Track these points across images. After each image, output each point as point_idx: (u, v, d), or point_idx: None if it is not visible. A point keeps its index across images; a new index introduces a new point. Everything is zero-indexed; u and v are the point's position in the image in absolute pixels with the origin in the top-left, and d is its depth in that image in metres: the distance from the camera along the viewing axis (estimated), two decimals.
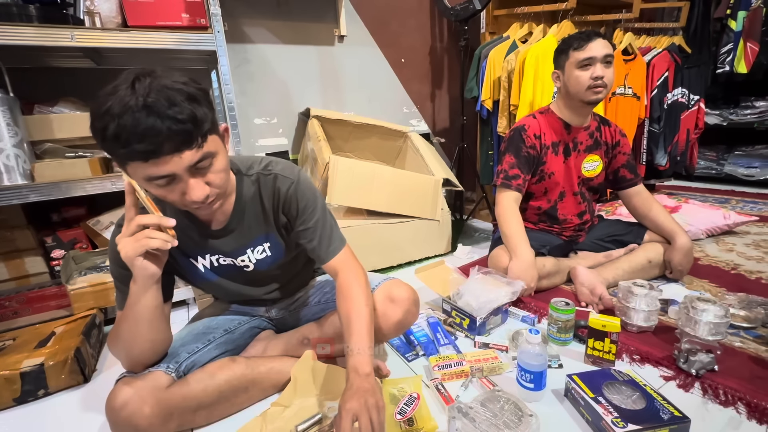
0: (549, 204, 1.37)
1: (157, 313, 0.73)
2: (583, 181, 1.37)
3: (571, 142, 1.32)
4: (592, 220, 1.45)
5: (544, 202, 1.37)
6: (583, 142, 1.33)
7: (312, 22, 1.90)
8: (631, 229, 1.42)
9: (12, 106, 1.10)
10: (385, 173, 1.63)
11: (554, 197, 1.36)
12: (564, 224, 1.39)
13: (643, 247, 1.33)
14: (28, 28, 1.03)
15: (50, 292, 1.26)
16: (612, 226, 1.46)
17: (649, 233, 1.37)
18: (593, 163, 1.36)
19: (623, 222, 1.48)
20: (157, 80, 0.58)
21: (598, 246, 1.43)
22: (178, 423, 0.78)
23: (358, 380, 0.68)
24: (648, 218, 1.36)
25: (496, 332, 1.13)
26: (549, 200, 1.37)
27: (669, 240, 1.31)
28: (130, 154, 0.58)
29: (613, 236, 1.42)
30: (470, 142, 2.12)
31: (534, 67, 1.73)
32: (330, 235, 0.82)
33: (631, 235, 1.39)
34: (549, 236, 1.38)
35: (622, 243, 1.40)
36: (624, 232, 1.42)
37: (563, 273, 1.34)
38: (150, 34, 1.17)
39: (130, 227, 0.65)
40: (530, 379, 0.82)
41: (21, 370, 0.93)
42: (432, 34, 2.28)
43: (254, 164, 0.81)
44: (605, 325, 0.91)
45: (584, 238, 1.45)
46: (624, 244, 1.39)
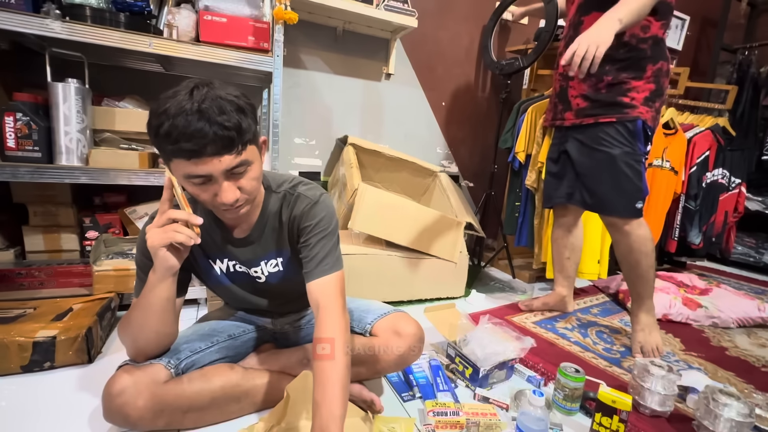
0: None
1: (168, 306, 0.76)
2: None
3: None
4: None
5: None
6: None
7: (363, 58, 2.03)
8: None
9: (85, 96, 1.22)
10: (409, 208, 1.66)
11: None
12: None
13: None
14: (116, 32, 1.16)
15: (77, 269, 1.32)
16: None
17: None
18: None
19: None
20: (213, 90, 0.64)
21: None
22: (167, 421, 0.78)
23: None
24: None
25: (498, 387, 1.08)
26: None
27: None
28: (176, 151, 0.63)
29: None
30: (498, 191, 2.14)
31: None
32: (325, 256, 0.79)
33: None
34: None
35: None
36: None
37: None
38: (218, 50, 1.29)
39: (161, 219, 0.70)
40: None
41: (35, 339, 0.97)
42: (475, 83, 2.37)
43: (284, 182, 0.84)
44: (615, 401, 0.86)
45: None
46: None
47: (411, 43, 2.12)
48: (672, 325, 1.62)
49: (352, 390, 0.90)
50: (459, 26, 2.23)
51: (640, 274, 1.29)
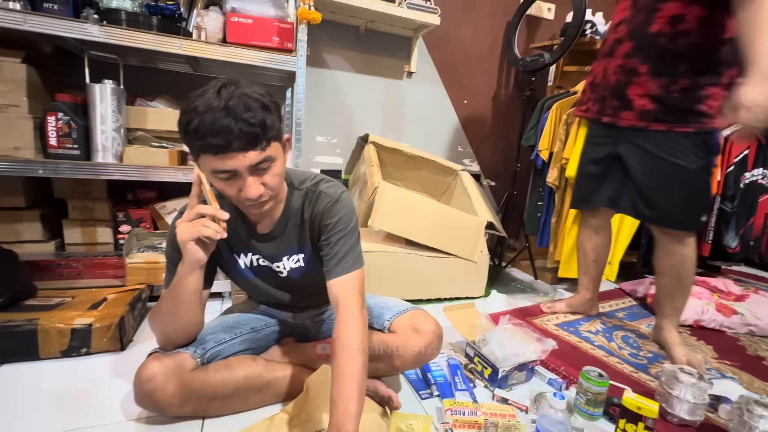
0: None
1: (195, 297, 0.79)
2: None
3: None
4: None
5: None
6: None
7: (385, 57, 2.03)
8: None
9: (120, 96, 1.28)
10: (430, 206, 1.65)
11: None
12: None
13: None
14: (149, 34, 1.21)
15: (111, 261, 1.39)
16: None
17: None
18: None
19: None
20: (239, 89, 0.66)
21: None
22: (193, 408, 0.82)
23: None
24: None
25: (518, 389, 1.07)
26: None
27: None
28: (204, 147, 0.65)
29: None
30: (520, 190, 2.10)
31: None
32: (345, 254, 0.80)
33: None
34: None
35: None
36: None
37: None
38: (244, 50, 1.32)
39: (190, 214, 0.72)
40: None
41: (73, 326, 1.03)
42: (498, 80, 2.33)
43: (306, 180, 0.86)
44: (641, 407, 0.83)
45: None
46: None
47: (433, 40, 2.11)
48: (704, 331, 1.55)
49: (370, 386, 0.91)
50: (482, 23, 2.20)
51: (686, 288, 1.24)
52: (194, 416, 0.84)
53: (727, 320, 1.57)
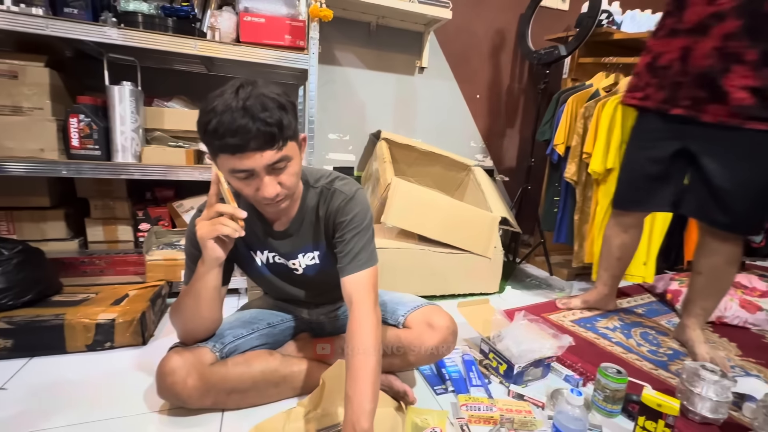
0: None
1: (214, 293, 0.81)
2: None
3: None
4: None
5: None
6: None
7: (397, 53, 2.02)
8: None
9: (138, 98, 1.31)
10: (443, 202, 1.65)
11: None
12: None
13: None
14: (165, 36, 1.24)
15: (131, 258, 1.43)
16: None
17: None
18: None
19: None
20: (257, 89, 0.67)
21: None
22: (213, 401, 0.84)
23: None
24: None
25: (534, 385, 1.06)
26: None
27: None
28: (222, 146, 0.66)
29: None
30: (535, 185, 2.07)
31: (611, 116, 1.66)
32: (359, 251, 0.80)
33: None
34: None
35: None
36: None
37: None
38: (257, 50, 1.33)
39: (209, 212, 0.74)
40: None
41: (97, 321, 1.06)
42: (511, 74, 2.30)
43: (321, 178, 0.87)
44: (661, 404, 0.82)
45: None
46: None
47: (445, 35, 2.09)
48: (727, 328, 1.51)
49: (385, 381, 0.92)
50: (495, 16, 2.17)
51: (722, 289, 1.20)
52: (214, 408, 0.86)
53: (751, 317, 1.53)
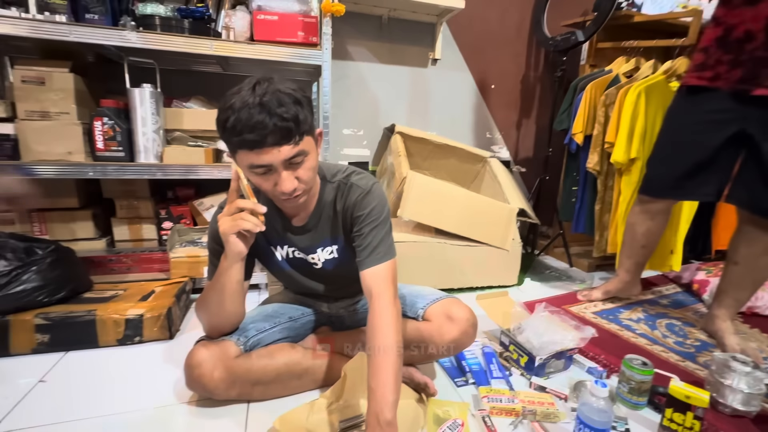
0: None
1: (237, 288, 0.82)
2: None
3: None
4: None
5: None
6: None
7: (409, 45, 2.01)
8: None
9: (158, 99, 1.34)
10: (459, 194, 1.63)
11: None
12: None
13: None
14: (182, 37, 1.26)
15: (156, 256, 1.48)
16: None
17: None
18: None
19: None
20: (273, 85, 0.68)
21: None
22: (239, 392, 0.86)
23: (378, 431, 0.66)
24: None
25: (556, 377, 1.05)
26: None
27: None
28: (241, 142, 0.68)
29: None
30: (553, 175, 2.03)
31: (634, 104, 1.61)
32: (377, 245, 0.81)
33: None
34: None
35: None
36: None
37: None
38: (271, 47, 1.35)
39: (230, 208, 0.76)
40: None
41: (126, 316, 1.10)
42: (527, 63, 2.25)
43: (338, 173, 0.87)
44: (690, 396, 0.80)
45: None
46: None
47: (458, 25, 2.06)
48: (759, 319, 1.46)
49: (405, 373, 0.93)
50: (508, 3, 2.12)
51: (758, 281, 1.17)
52: (240, 400, 0.89)
53: None
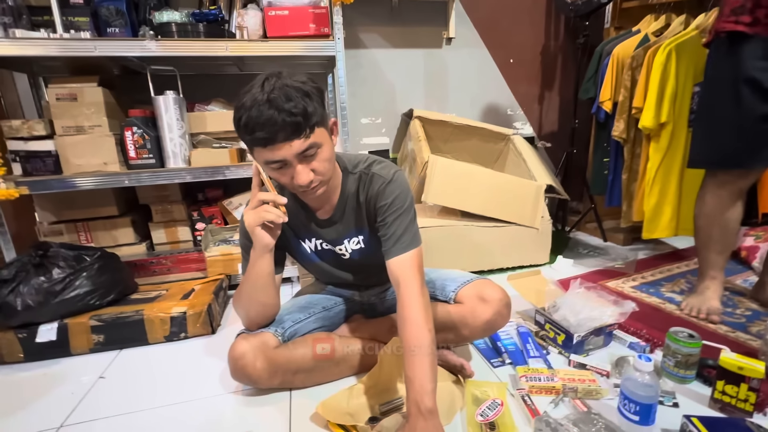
0: None
1: (268, 279, 0.85)
2: None
3: None
4: None
5: None
6: None
7: (421, 26, 1.96)
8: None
9: (181, 105, 1.38)
10: (483, 175, 1.60)
11: None
12: None
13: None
14: (198, 42, 1.29)
15: (193, 256, 1.54)
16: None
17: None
18: None
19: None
20: (281, 80, 0.68)
21: None
22: (281, 380, 0.90)
23: (421, 421, 0.67)
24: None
25: (596, 354, 1.03)
26: None
27: None
28: (254, 140, 0.69)
29: None
30: (581, 148, 1.95)
31: (664, 64, 1.50)
32: (402, 234, 0.80)
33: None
34: None
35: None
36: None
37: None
38: (284, 43, 1.35)
39: (253, 202, 0.78)
40: (635, 410, 0.73)
41: (171, 314, 1.16)
42: (546, 32, 2.15)
43: (360, 163, 0.87)
44: (743, 367, 0.76)
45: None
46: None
47: (470, 0, 1.99)
48: None
49: (440, 356, 0.93)
50: None
51: None
52: (282, 388, 0.92)
53: None
